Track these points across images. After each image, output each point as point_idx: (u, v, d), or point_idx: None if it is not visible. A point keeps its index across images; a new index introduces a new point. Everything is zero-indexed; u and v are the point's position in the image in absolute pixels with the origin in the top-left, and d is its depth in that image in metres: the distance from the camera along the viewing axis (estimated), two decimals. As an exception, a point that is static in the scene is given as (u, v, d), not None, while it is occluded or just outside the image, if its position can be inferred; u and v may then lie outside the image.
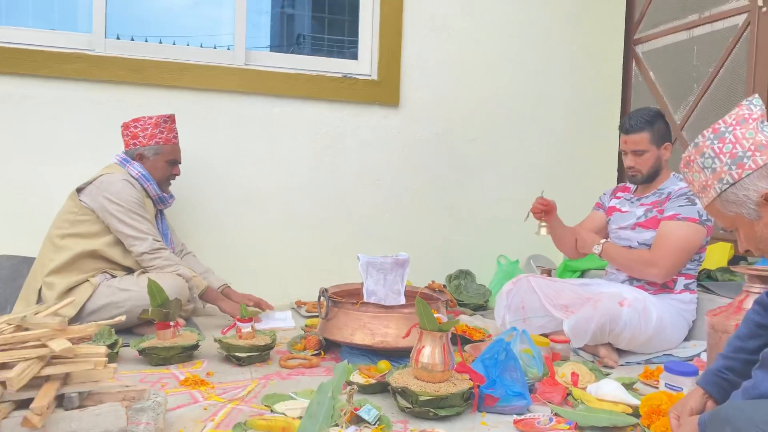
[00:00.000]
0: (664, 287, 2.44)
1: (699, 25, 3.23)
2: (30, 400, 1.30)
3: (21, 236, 2.74)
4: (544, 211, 2.52)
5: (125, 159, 2.64)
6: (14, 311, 2.50)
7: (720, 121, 1.31)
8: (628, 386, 1.96)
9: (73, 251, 2.46)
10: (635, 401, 1.76)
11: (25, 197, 2.84)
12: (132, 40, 3.23)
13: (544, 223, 2.52)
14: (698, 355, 2.33)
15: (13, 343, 1.36)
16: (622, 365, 2.31)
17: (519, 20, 3.53)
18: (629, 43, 3.70)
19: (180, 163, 2.75)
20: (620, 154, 3.71)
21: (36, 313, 1.50)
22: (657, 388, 1.95)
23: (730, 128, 1.28)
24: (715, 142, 1.28)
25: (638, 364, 2.33)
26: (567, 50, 3.62)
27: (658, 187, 2.53)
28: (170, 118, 2.70)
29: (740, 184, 1.26)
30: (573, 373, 1.96)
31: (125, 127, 2.65)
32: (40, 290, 2.46)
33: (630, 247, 2.51)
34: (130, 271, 2.57)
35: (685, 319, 2.46)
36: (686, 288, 2.46)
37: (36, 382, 1.33)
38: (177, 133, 2.73)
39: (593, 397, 1.83)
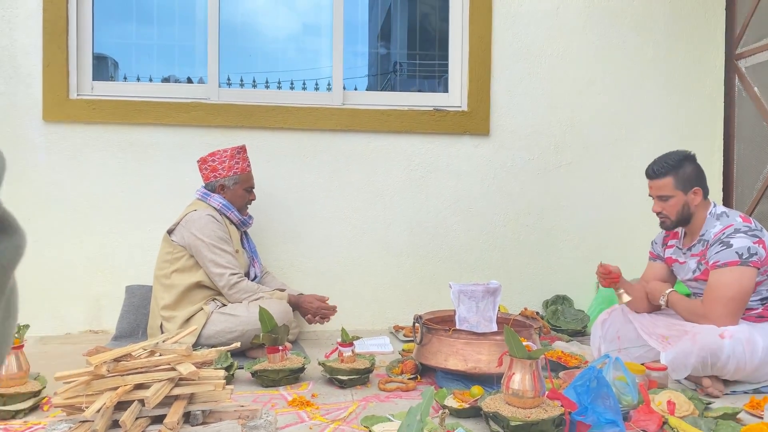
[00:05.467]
0: (760, 317, 2.34)
1: (806, 37, 3.08)
2: (162, 416, 1.51)
3: (150, 267, 3.06)
4: (610, 278, 2.44)
5: (205, 193, 2.86)
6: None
7: None
8: (731, 416, 1.91)
9: (180, 286, 2.72)
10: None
11: (153, 232, 3.17)
12: (241, 80, 3.55)
13: (621, 290, 2.43)
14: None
15: (148, 367, 1.58)
16: (727, 394, 2.24)
17: (609, 43, 3.52)
18: (731, 58, 3.57)
19: (254, 188, 2.95)
20: (725, 176, 3.60)
21: (165, 341, 1.72)
22: (762, 418, 1.89)
23: None
24: None
25: (745, 393, 2.24)
26: (663, 69, 3.56)
27: (700, 233, 2.42)
28: (242, 149, 2.91)
29: None
30: (669, 402, 1.94)
31: (203, 161, 2.87)
32: (161, 325, 2.73)
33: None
34: None
35: (794, 342, 2.33)
36: None
37: (167, 401, 1.54)
38: (249, 162, 2.94)
39: (691, 426, 1.80)
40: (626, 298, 2.44)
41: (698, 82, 3.59)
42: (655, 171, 2.41)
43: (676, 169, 2.39)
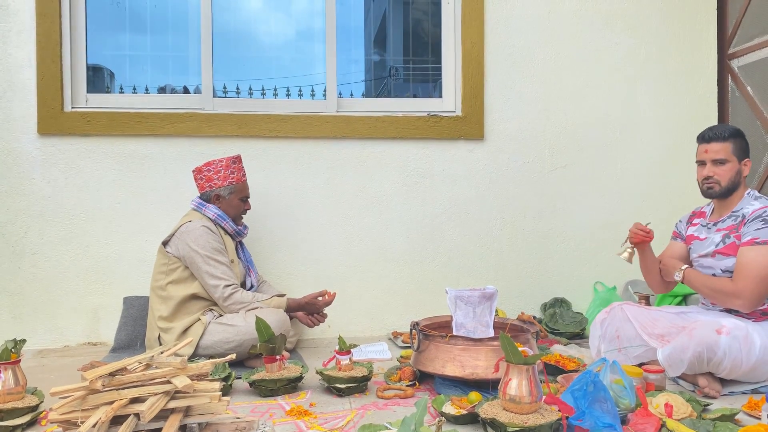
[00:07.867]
0: (764, 314, 2.34)
1: (797, 35, 3.09)
2: (158, 430, 1.51)
3: (147, 278, 3.05)
4: (642, 238, 2.50)
5: (201, 203, 2.86)
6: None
7: None
8: (729, 418, 1.91)
9: (176, 298, 2.72)
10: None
11: (149, 243, 3.17)
12: (237, 88, 3.55)
13: (631, 249, 2.49)
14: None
15: (144, 380, 1.57)
16: (725, 395, 2.24)
17: (601, 45, 3.53)
18: (723, 58, 3.58)
19: (249, 197, 2.96)
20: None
21: (161, 353, 1.72)
22: (760, 419, 1.89)
23: None
24: None
25: (743, 393, 2.24)
26: (656, 70, 3.57)
27: (733, 209, 2.44)
28: (238, 158, 2.91)
29: None
30: (667, 404, 1.93)
31: (198, 171, 2.87)
32: (158, 337, 2.73)
33: (714, 275, 2.44)
34: None
35: (796, 345, 2.33)
36: None
37: (163, 414, 1.54)
38: (244, 171, 2.94)
39: (689, 429, 1.80)
40: (625, 256, 2.50)
41: (691, 82, 3.60)
42: (716, 134, 2.42)
43: (734, 136, 2.42)
